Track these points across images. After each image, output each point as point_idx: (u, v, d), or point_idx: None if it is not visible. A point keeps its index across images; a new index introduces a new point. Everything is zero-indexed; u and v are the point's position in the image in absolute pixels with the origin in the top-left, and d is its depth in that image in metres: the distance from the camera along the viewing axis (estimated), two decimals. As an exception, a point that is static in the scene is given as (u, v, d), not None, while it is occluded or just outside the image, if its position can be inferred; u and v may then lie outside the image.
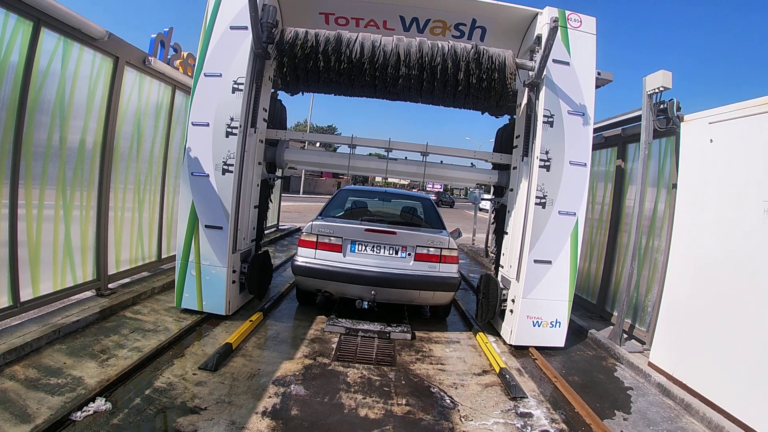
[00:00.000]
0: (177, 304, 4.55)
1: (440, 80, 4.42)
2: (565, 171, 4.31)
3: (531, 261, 4.30)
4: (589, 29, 4.43)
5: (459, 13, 4.96)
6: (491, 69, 4.32)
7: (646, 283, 4.66)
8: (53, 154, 3.86)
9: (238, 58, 4.38)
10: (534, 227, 4.30)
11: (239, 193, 4.47)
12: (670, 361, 3.77)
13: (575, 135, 4.34)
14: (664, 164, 4.58)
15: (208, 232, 4.40)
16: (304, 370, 3.52)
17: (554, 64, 4.32)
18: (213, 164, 4.36)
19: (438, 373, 3.70)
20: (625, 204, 5.27)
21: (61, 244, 4.04)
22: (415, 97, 4.87)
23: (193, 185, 4.39)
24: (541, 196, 4.29)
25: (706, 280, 3.54)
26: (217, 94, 4.37)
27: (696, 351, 3.55)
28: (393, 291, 4.38)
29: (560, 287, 4.36)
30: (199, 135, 4.39)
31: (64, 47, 3.82)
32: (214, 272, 4.43)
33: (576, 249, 4.38)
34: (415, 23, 5.09)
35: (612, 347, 4.43)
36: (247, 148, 4.52)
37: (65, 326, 3.73)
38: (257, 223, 5.37)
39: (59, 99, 3.84)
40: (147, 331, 3.98)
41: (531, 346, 4.37)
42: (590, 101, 4.38)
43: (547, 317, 4.36)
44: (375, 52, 4.31)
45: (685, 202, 3.91)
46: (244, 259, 4.81)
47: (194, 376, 3.25)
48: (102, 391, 2.84)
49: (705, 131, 3.73)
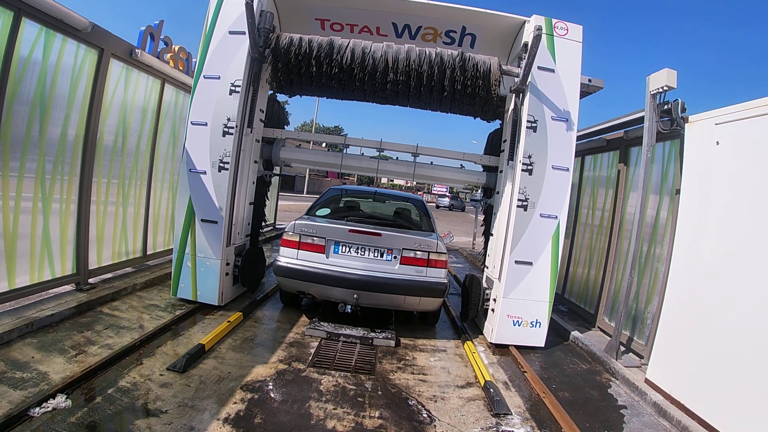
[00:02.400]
0: (173, 293, 4.73)
1: (426, 86, 4.56)
2: (548, 175, 4.41)
3: (512, 262, 4.40)
4: (575, 37, 4.51)
5: (449, 21, 5.08)
6: (476, 76, 4.44)
7: (646, 293, 4.41)
8: (32, 145, 3.77)
9: (236, 62, 4.57)
10: (515, 229, 4.40)
11: (234, 190, 4.66)
12: (669, 379, 3.52)
13: (558, 140, 4.43)
14: (668, 169, 4.34)
15: (204, 226, 4.60)
16: (277, 375, 3.36)
17: (539, 71, 4.41)
18: (210, 162, 4.56)
19: (418, 383, 3.50)
20: (627, 210, 5.03)
21: (39, 237, 3.96)
22: (403, 101, 5.00)
23: (191, 181, 4.59)
24: (522, 199, 4.39)
25: (709, 292, 3.29)
26: (216, 96, 4.56)
27: (696, 369, 3.29)
28: (377, 295, 4.18)
29: (541, 288, 4.45)
30: (198, 134, 4.57)
31: (46, 38, 3.76)
32: (208, 264, 4.62)
33: (557, 251, 4.45)
34: (407, 30, 5.24)
35: (607, 361, 4.18)
36: (243, 147, 4.71)
37: (38, 320, 3.65)
38: (253, 219, 5.52)
39: (40, 90, 3.77)
40: (121, 328, 3.87)
41: (511, 344, 4.45)
42: (574, 107, 4.46)
43: (527, 317, 4.46)
44: (365, 58, 4.46)
45: (688, 209, 3.66)
46: (239, 253, 5.02)
47: (161, 377, 3.12)
48: (64, 387, 2.77)
49: (711, 133, 3.48)
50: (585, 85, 5.07)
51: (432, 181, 6.55)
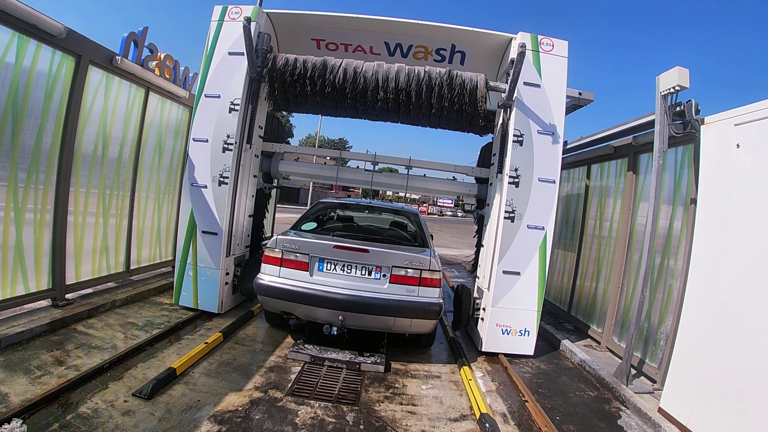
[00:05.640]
0: (175, 301, 4.94)
1: (415, 103, 4.75)
2: (534, 187, 4.48)
3: (500, 271, 4.48)
4: (560, 52, 4.60)
5: (438, 39, 5.26)
6: (462, 93, 4.60)
7: (660, 310, 4.04)
8: (4, 153, 3.60)
9: (235, 82, 4.77)
10: (503, 239, 4.48)
11: (234, 203, 4.87)
12: (684, 409, 3.14)
13: (544, 153, 4.50)
14: (681, 176, 3.99)
15: (205, 237, 4.81)
16: (250, 405, 3.06)
17: (525, 86, 4.52)
18: (211, 176, 4.78)
19: (406, 416, 3.15)
20: (637, 221, 4.67)
21: (11, 249, 3.76)
22: (393, 118, 5.22)
23: (192, 194, 4.81)
24: (510, 211, 4.48)
25: (730, 310, 2.93)
26: (216, 114, 4.77)
27: (717, 398, 2.92)
28: (364, 317, 3.83)
29: (529, 297, 4.51)
30: (199, 150, 4.79)
31: (19, 44, 3.60)
32: (209, 273, 4.84)
33: (544, 261, 4.49)
34: (398, 48, 5.43)
35: (617, 388, 3.81)
36: (242, 162, 4.93)
37: (6, 337, 3.48)
38: (252, 230, 5.71)
39: (12, 98, 3.59)
40: (92, 348, 3.64)
41: (501, 353, 4.52)
42: (560, 121, 4.53)
43: (516, 326, 4.54)
44: (356, 77, 4.65)
45: (706, 219, 3.31)
46: (238, 263, 5.23)
47: (125, 404, 2.87)
48: (21, 411, 2.58)
49: (730, 135, 3.14)
50: (575, 98, 5.18)
51: (425, 193, 6.61)
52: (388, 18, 5.08)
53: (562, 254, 6.60)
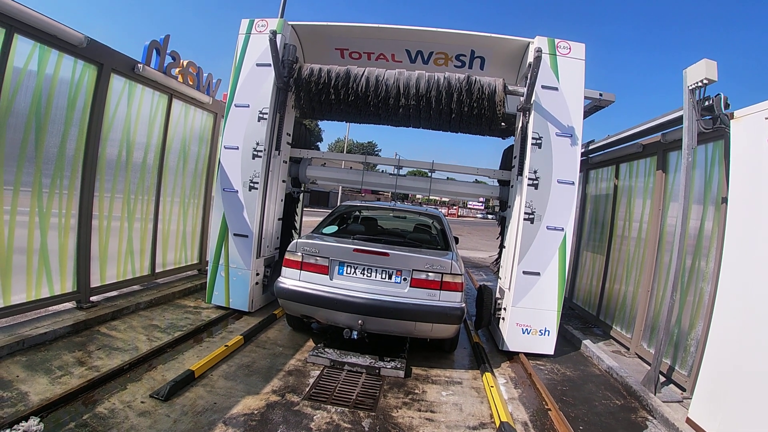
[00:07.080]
0: (208, 300, 5.19)
1: (435, 109, 4.87)
2: (553, 189, 4.52)
3: (520, 272, 4.53)
4: (578, 55, 4.63)
5: (458, 46, 5.37)
6: (481, 98, 4.68)
7: (690, 315, 3.84)
8: (28, 159, 3.71)
9: (263, 92, 5.00)
10: (523, 241, 4.53)
11: (264, 207, 5.08)
12: (715, 420, 2.96)
13: (563, 155, 4.54)
14: (712, 174, 3.79)
15: (236, 240, 5.03)
16: (266, 408, 3.05)
17: (543, 89, 4.57)
18: (241, 182, 5.01)
19: (424, 423, 3.07)
20: (667, 222, 4.47)
21: (36, 253, 3.88)
22: (415, 123, 5.31)
23: (224, 199, 5.05)
24: (529, 212, 4.53)
25: (763, 318, 2.74)
26: (246, 122, 5.00)
27: (747, 410, 2.74)
28: (384, 321, 3.77)
29: (548, 297, 4.55)
30: (230, 157, 5.04)
31: (40, 54, 3.71)
32: (240, 274, 5.07)
33: (564, 262, 4.54)
34: (419, 56, 5.58)
35: (644, 396, 3.63)
36: (271, 168, 5.15)
37: (30, 338, 3.57)
38: (281, 233, 5.94)
39: (34, 106, 3.71)
40: (114, 349, 3.71)
41: (521, 352, 4.56)
42: (578, 123, 4.57)
43: (536, 325, 4.57)
44: (378, 85, 4.79)
45: (737, 219, 3.12)
46: (268, 264, 5.48)
47: (141, 405, 2.90)
48: (40, 410, 2.64)
49: (761, 129, 2.95)
50: (596, 99, 5.18)
51: (448, 195, 6.66)
52: (409, 27, 5.20)
53: (591, 256, 6.40)
